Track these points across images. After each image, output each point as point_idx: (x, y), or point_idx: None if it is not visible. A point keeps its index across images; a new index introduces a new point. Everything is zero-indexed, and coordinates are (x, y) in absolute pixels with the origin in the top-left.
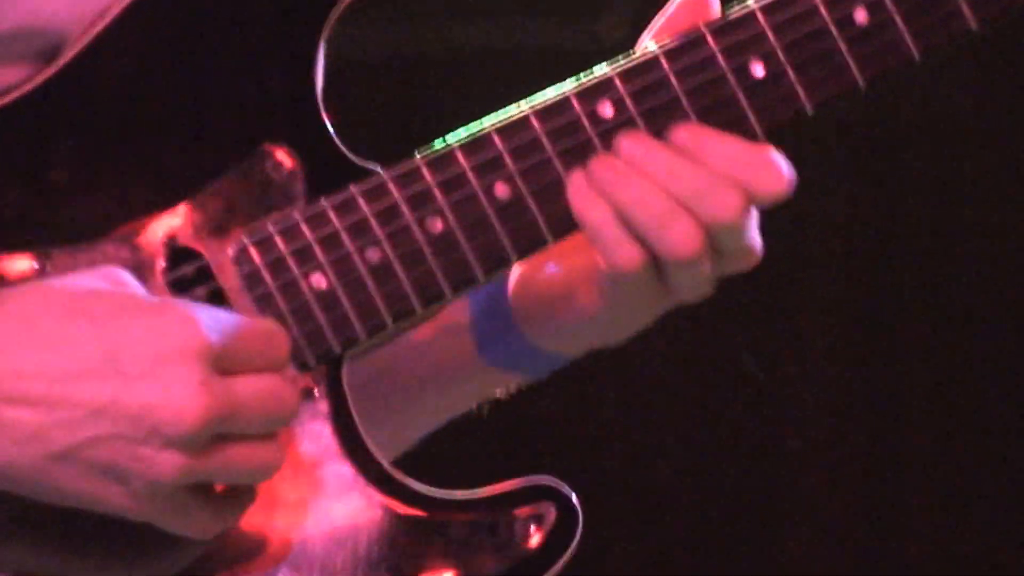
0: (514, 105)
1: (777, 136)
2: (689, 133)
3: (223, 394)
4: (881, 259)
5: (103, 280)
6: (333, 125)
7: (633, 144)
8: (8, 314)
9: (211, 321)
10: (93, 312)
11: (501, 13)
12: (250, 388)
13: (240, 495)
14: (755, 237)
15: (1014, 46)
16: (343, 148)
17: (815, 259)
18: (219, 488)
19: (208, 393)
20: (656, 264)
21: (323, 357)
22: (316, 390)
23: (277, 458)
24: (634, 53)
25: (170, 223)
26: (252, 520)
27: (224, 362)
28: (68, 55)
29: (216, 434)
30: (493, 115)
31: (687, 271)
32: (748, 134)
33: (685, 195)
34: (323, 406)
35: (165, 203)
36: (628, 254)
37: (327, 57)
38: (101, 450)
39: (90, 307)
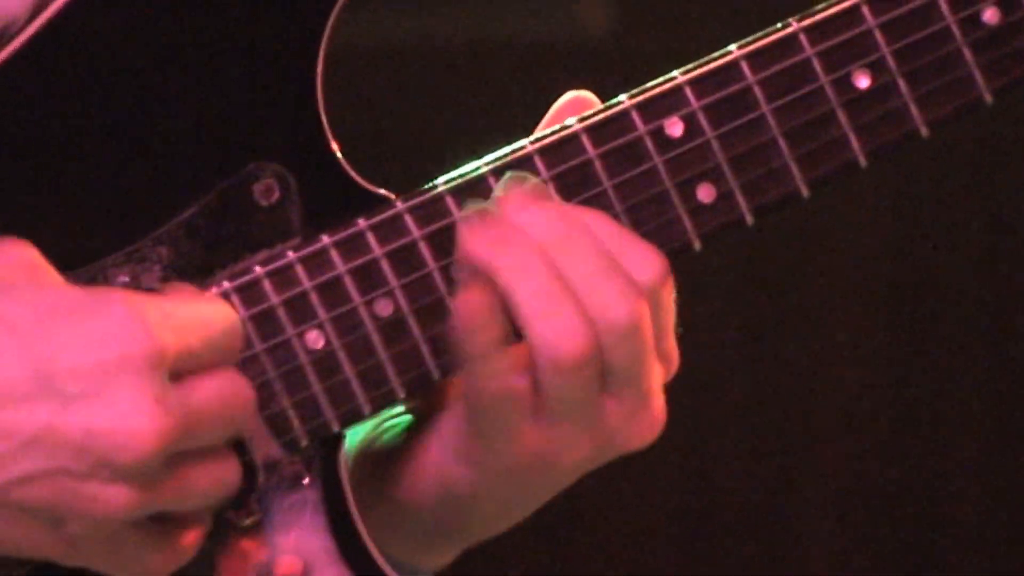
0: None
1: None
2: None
3: (181, 406)
4: (915, 258)
5: (9, 267)
6: (336, 140)
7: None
8: None
9: (158, 315)
10: (12, 318)
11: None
12: (211, 391)
13: (192, 521)
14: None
15: None
16: (348, 168)
17: (843, 258)
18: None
19: (164, 409)
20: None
21: (316, 434)
22: (306, 476)
23: (236, 470)
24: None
25: (134, 261)
26: None
27: (177, 363)
28: (8, 48)
29: (172, 454)
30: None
31: (567, 382)
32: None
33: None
34: (312, 495)
35: (129, 236)
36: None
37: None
38: (35, 489)
39: (7, 312)
